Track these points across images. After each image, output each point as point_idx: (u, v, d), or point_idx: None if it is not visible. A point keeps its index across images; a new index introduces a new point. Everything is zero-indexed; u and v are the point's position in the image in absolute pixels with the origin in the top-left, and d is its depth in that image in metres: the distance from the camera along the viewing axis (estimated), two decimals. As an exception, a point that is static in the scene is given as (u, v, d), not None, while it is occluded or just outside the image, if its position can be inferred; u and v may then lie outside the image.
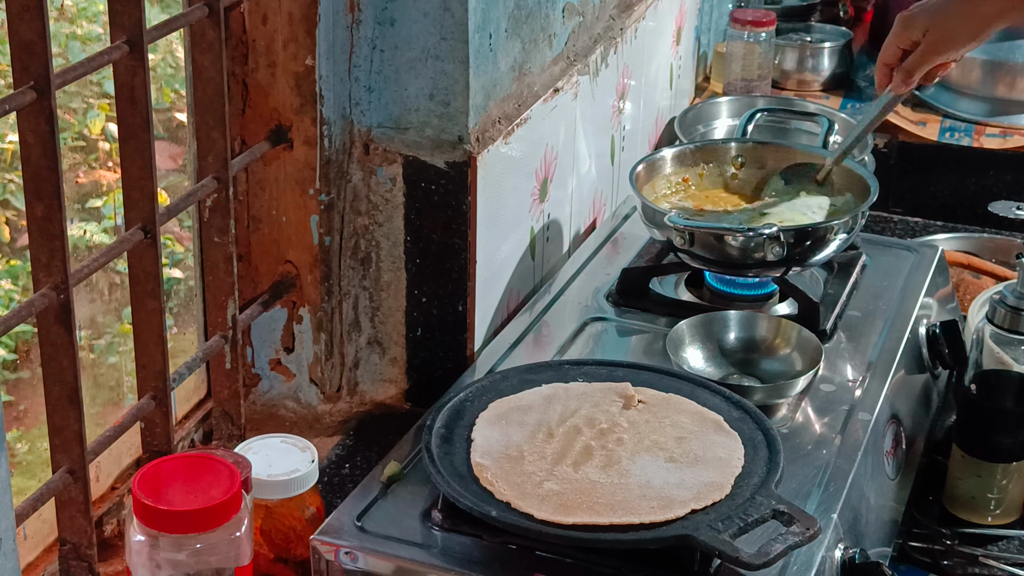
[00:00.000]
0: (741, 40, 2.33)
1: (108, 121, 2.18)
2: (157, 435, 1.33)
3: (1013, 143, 2.22)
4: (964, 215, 2.18)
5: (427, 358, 1.54)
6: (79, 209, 2.07)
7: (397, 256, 1.51)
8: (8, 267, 2.15)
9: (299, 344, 1.54)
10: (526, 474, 1.18)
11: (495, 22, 1.47)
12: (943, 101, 2.35)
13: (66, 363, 1.17)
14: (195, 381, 1.49)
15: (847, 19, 2.75)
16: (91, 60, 1.18)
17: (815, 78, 2.47)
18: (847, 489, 1.27)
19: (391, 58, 1.44)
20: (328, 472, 1.45)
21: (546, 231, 1.68)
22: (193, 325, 1.52)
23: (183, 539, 1.06)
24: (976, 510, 1.47)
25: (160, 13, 1.63)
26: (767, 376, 1.42)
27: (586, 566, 1.15)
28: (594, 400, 1.29)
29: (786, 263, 1.50)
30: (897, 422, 1.44)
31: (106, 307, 1.87)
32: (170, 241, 1.99)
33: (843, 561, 1.23)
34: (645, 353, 1.48)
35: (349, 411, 1.57)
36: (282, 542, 1.23)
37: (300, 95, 1.43)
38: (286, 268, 1.51)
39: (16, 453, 1.82)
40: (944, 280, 1.72)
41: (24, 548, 1.26)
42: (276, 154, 1.46)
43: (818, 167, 1.66)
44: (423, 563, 1.16)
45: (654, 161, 1.68)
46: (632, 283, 1.59)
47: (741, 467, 1.19)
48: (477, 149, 1.46)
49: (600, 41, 1.78)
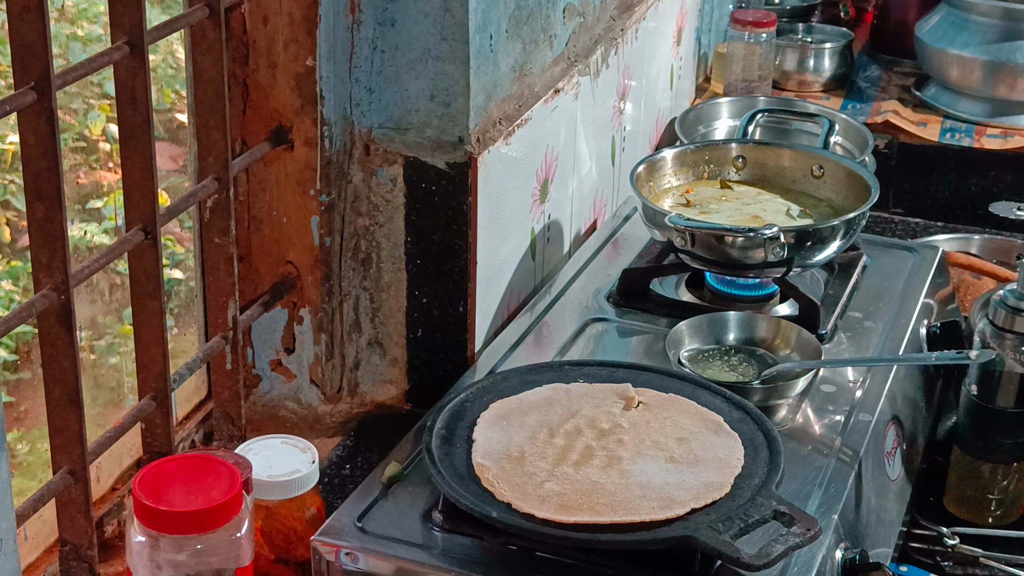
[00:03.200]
0: (742, 41, 2.33)
1: (109, 122, 2.18)
2: (158, 436, 1.33)
3: (1014, 144, 2.22)
4: (965, 216, 2.18)
5: (428, 359, 1.54)
6: (80, 210, 2.07)
7: (398, 257, 1.51)
8: (9, 268, 2.15)
9: (300, 345, 1.54)
10: (527, 474, 1.18)
11: (496, 23, 1.47)
12: (943, 102, 2.35)
13: (67, 364, 1.17)
14: (196, 382, 1.49)
15: (848, 20, 2.75)
16: (92, 61, 1.18)
17: (816, 79, 2.47)
18: (848, 490, 1.27)
19: (392, 59, 1.45)
20: (329, 473, 1.45)
21: (547, 232, 1.68)
22: (194, 326, 1.52)
23: (184, 540, 1.06)
24: (977, 511, 1.47)
25: (161, 14, 1.63)
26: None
27: (587, 567, 1.15)
28: (595, 401, 1.29)
29: (787, 264, 1.50)
30: (898, 423, 1.44)
31: (107, 308, 1.86)
32: (171, 242, 1.99)
33: (844, 562, 1.23)
34: (646, 354, 1.49)
35: (350, 412, 1.57)
36: (283, 543, 1.23)
37: (301, 96, 1.43)
38: (287, 269, 1.51)
39: (17, 454, 1.82)
40: (945, 281, 1.72)
41: (25, 549, 1.26)
42: (277, 155, 1.46)
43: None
44: (424, 564, 1.16)
45: (655, 162, 1.68)
46: (633, 284, 1.59)
47: (741, 467, 1.19)
48: (478, 150, 1.46)
49: (601, 42, 1.78)
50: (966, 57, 2.29)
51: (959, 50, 2.29)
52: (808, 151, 1.73)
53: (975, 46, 2.28)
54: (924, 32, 2.36)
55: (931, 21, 2.37)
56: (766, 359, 1.43)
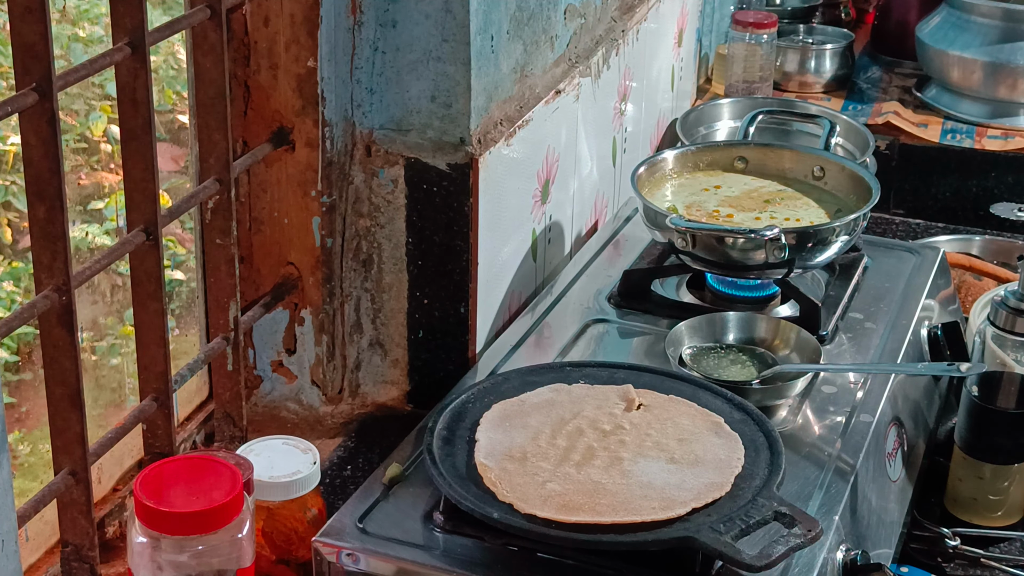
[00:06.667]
0: (743, 42, 2.33)
1: (110, 123, 2.18)
2: (159, 437, 1.33)
3: (1014, 145, 2.22)
4: (965, 217, 2.18)
5: (429, 360, 1.54)
6: (81, 211, 2.07)
7: (399, 258, 1.51)
8: (10, 269, 2.15)
9: (301, 346, 1.54)
10: (529, 475, 1.18)
11: (497, 24, 1.47)
12: (944, 103, 2.36)
13: (68, 365, 1.18)
14: (197, 383, 1.49)
15: (849, 21, 2.75)
16: (93, 62, 1.18)
17: (817, 80, 2.47)
18: (849, 491, 1.27)
19: (393, 60, 1.45)
20: (330, 474, 1.45)
21: (548, 233, 1.68)
22: (195, 327, 1.52)
23: (185, 541, 1.06)
24: (978, 512, 1.47)
25: (162, 15, 1.63)
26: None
27: (587, 568, 1.15)
28: (597, 402, 1.29)
29: (787, 265, 1.50)
30: (899, 424, 1.44)
31: (108, 309, 1.87)
32: (172, 243, 1.99)
33: (845, 563, 1.23)
34: (647, 355, 1.49)
35: (351, 413, 1.57)
36: (284, 544, 1.23)
37: (302, 97, 1.43)
38: (288, 270, 1.51)
39: (18, 455, 1.82)
40: (946, 282, 1.72)
41: (26, 550, 1.26)
42: (278, 156, 1.46)
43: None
44: (425, 565, 1.16)
45: (656, 163, 1.68)
46: (634, 285, 1.59)
47: (741, 467, 1.20)
48: (479, 151, 1.46)
49: (602, 43, 1.78)
50: (967, 58, 2.29)
51: (960, 51, 2.30)
52: (809, 152, 1.73)
53: (976, 47, 2.29)
54: (925, 33, 2.37)
55: (932, 22, 2.37)
56: (766, 359, 1.43)
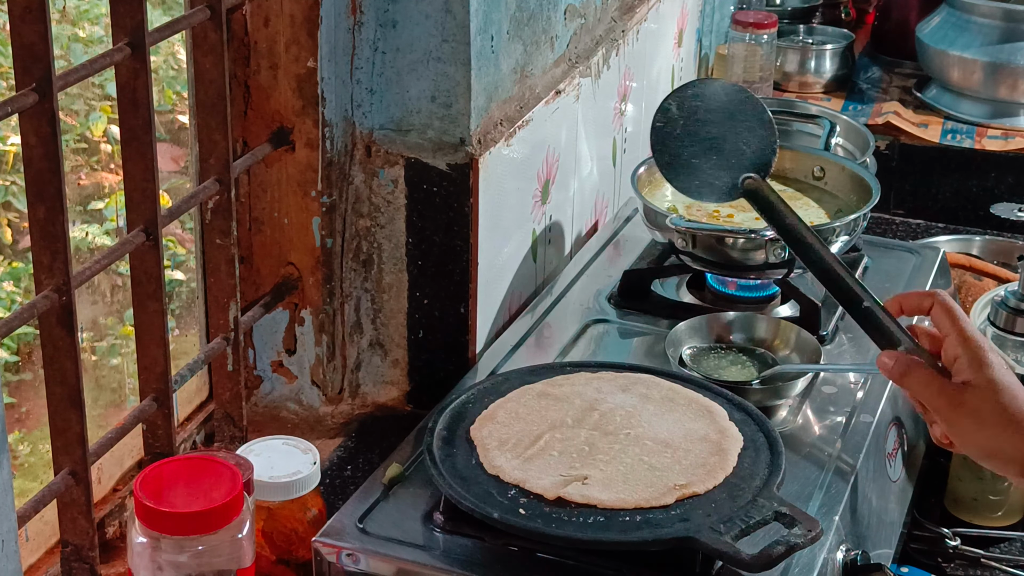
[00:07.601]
0: (743, 42, 2.33)
1: (110, 123, 2.18)
2: (159, 437, 1.33)
3: (1015, 145, 2.22)
4: (966, 217, 2.18)
5: (429, 360, 1.54)
6: (81, 211, 2.07)
7: (399, 258, 1.51)
8: (10, 269, 2.15)
9: (301, 346, 1.54)
10: (531, 459, 1.19)
11: (497, 24, 1.47)
12: (944, 103, 2.35)
13: (68, 365, 1.17)
14: (197, 383, 1.49)
15: (849, 21, 2.75)
16: (93, 62, 1.18)
17: (817, 80, 2.47)
18: (849, 491, 1.27)
19: (393, 60, 1.45)
20: (330, 474, 1.45)
21: (548, 233, 1.68)
22: (195, 327, 1.52)
23: (185, 541, 1.06)
24: (978, 512, 1.47)
25: (162, 15, 1.63)
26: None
27: (588, 568, 1.15)
28: (600, 393, 1.30)
29: (788, 265, 1.50)
30: (899, 424, 1.44)
31: (108, 309, 1.87)
32: (172, 243, 1.99)
33: (845, 563, 1.23)
34: (647, 355, 1.49)
35: (351, 413, 1.57)
36: (284, 544, 1.23)
37: (302, 97, 1.43)
38: (288, 270, 1.51)
39: (18, 455, 1.82)
40: (946, 282, 1.72)
41: (26, 550, 1.26)
42: (278, 156, 1.46)
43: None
44: (425, 565, 1.16)
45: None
46: (634, 285, 1.59)
47: (741, 448, 1.21)
48: (479, 151, 1.46)
49: (602, 43, 1.78)
50: (967, 58, 2.29)
51: (960, 51, 2.29)
52: (809, 152, 1.73)
53: (976, 47, 2.29)
54: (925, 33, 2.37)
55: (932, 22, 2.37)
56: (766, 359, 1.43)
